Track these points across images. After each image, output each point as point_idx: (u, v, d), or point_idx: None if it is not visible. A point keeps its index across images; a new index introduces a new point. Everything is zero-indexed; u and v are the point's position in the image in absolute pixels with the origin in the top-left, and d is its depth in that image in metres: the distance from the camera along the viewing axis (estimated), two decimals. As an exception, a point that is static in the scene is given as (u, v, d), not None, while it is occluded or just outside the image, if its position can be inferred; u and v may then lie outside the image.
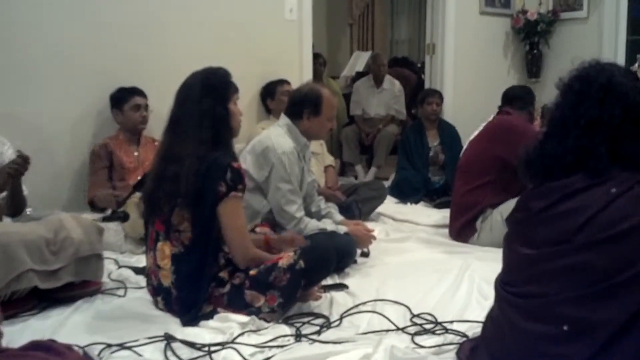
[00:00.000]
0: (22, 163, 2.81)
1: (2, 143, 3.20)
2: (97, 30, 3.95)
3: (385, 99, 6.31)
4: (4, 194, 2.98)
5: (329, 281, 2.73)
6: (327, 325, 2.39)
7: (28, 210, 3.12)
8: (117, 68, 3.99)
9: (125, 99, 3.85)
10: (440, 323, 2.38)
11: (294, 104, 3.19)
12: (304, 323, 2.40)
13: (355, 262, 3.18)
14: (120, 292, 2.74)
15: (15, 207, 3.00)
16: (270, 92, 4.62)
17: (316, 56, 5.69)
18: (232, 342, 2.15)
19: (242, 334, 2.21)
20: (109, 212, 3.37)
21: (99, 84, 3.93)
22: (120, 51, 4.03)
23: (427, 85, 5.97)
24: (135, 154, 3.88)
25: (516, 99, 3.82)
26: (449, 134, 5.18)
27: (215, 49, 4.35)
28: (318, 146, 4.53)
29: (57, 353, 1.60)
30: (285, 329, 2.30)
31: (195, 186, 2.31)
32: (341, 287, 2.80)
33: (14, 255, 2.40)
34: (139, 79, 3.97)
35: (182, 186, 2.31)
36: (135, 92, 3.87)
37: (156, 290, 2.49)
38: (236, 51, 4.42)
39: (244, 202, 2.48)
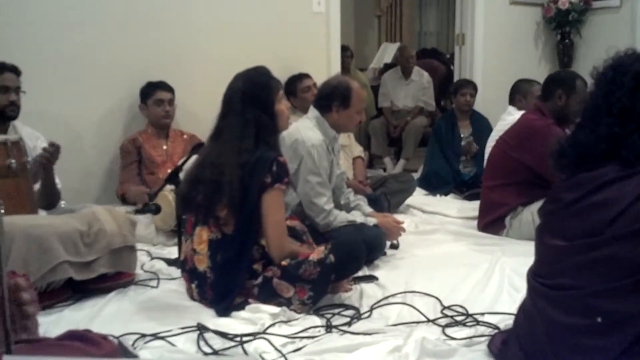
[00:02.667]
0: (53, 152, 2.85)
1: (37, 137, 3.26)
2: (126, 28, 4.00)
3: (413, 91, 6.27)
4: (38, 186, 3.04)
5: (358, 273, 2.73)
6: (358, 316, 2.40)
7: (62, 204, 3.17)
8: (146, 64, 4.04)
9: (149, 94, 3.90)
10: (471, 315, 2.37)
11: (323, 97, 3.19)
12: (334, 314, 2.41)
13: (384, 254, 3.18)
14: (153, 283, 2.78)
15: (49, 200, 3.05)
16: (291, 90, 4.56)
17: (344, 49, 5.68)
18: (264, 332, 2.17)
19: (273, 324, 2.23)
20: (140, 205, 3.41)
21: (128, 81, 3.98)
22: (149, 47, 4.08)
23: (456, 77, 5.92)
24: (164, 147, 3.92)
25: (541, 90, 3.71)
26: (481, 125, 5.11)
27: (242, 42, 4.37)
28: (346, 138, 4.53)
29: (93, 343, 1.63)
30: (315, 320, 2.31)
31: (240, 191, 2.36)
32: (371, 279, 2.81)
33: (49, 247, 2.45)
34: (169, 74, 4.00)
35: (227, 192, 2.35)
36: (159, 86, 3.91)
37: (191, 275, 2.53)
38: (263, 44, 4.44)
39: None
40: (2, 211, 2.45)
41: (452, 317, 2.38)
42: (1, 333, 1.12)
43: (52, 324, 2.29)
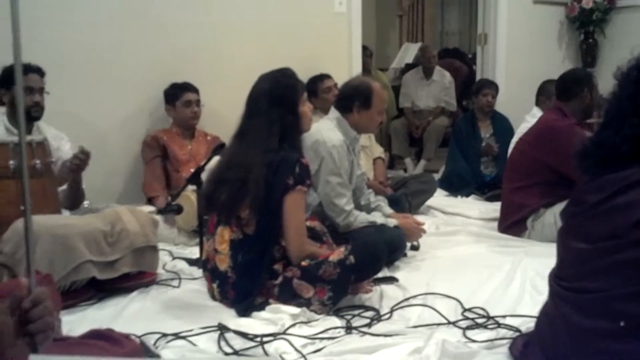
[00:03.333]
0: (84, 159, 2.89)
1: (61, 138, 3.30)
2: (150, 29, 4.04)
3: (434, 91, 6.24)
4: (64, 187, 3.08)
5: (379, 274, 2.73)
6: (378, 318, 2.40)
7: (85, 203, 3.21)
8: (170, 66, 4.07)
9: (177, 95, 3.93)
10: (492, 317, 2.35)
11: (344, 98, 3.19)
12: (354, 315, 2.41)
13: (405, 255, 3.17)
14: (175, 282, 2.80)
15: (74, 200, 3.10)
16: (312, 91, 4.56)
17: (363, 49, 5.67)
18: (284, 333, 2.18)
19: (293, 325, 2.24)
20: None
21: (151, 82, 4.02)
22: (173, 49, 4.11)
23: (478, 77, 5.89)
24: (189, 147, 3.95)
25: (562, 89, 3.66)
26: (502, 126, 5.08)
27: (264, 43, 4.39)
28: (367, 139, 4.52)
29: (115, 342, 1.65)
30: (335, 321, 2.31)
31: (264, 191, 2.38)
32: (391, 280, 2.80)
33: (73, 246, 2.48)
34: (192, 75, 4.03)
35: (252, 191, 2.37)
36: (186, 88, 3.94)
37: (212, 275, 2.55)
38: (284, 45, 4.45)
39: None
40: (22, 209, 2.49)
41: (473, 319, 2.36)
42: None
43: (76, 322, 2.32)
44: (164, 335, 2.20)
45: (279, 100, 2.48)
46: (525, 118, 4.43)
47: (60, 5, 3.73)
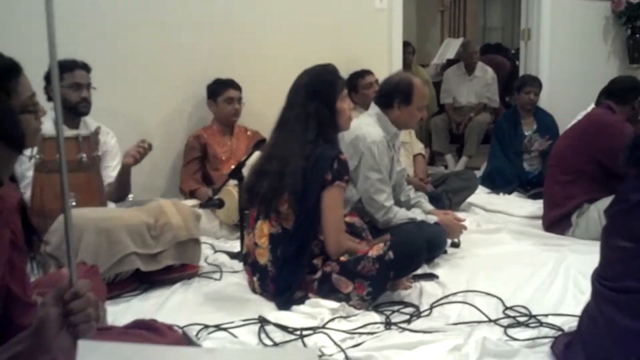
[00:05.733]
0: (148, 148, 3.00)
1: (107, 132, 3.37)
2: (193, 28, 4.08)
3: (476, 87, 6.18)
4: (112, 179, 3.14)
5: (418, 271, 2.72)
6: (417, 314, 2.39)
7: (130, 197, 3.28)
8: (212, 63, 4.11)
9: (219, 92, 3.97)
10: (534, 316, 2.33)
11: (385, 93, 3.18)
12: (393, 311, 2.41)
13: (445, 252, 3.15)
14: (216, 275, 2.84)
15: (121, 194, 3.16)
16: (353, 86, 4.55)
17: (405, 44, 5.63)
18: (323, 327, 2.19)
19: (332, 319, 2.25)
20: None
21: (194, 79, 4.07)
22: (215, 47, 4.15)
23: (521, 73, 5.79)
24: (229, 143, 3.99)
25: (618, 92, 3.60)
26: (545, 122, 4.99)
27: (305, 39, 4.40)
28: (407, 135, 4.50)
29: (158, 332, 1.68)
30: (375, 317, 2.32)
31: (303, 184, 2.40)
32: (431, 277, 2.79)
33: (118, 239, 2.54)
34: (233, 72, 4.07)
35: (289, 183, 2.40)
36: (229, 85, 3.98)
37: (253, 269, 2.58)
38: (325, 41, 4.45)
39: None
40: (74, 204, 2.55)
41: (514, 317, 2.34)
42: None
43: (120, 313, 2.37)
44: (206, 326, 2.24)
45: (315, 94, 2.50)
46: (579, 115, 4.35)
47: (106, 4, 3.81)
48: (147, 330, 1.67)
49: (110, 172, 3.22)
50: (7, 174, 1.19)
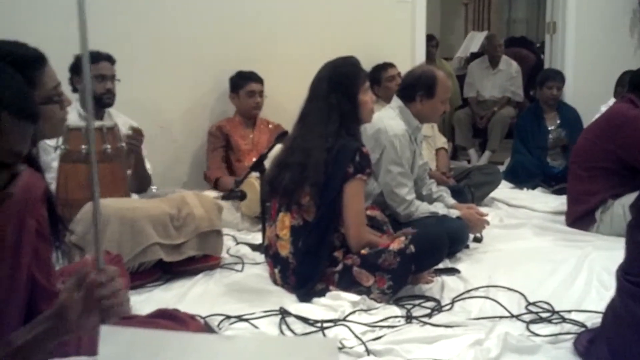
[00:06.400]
0: (135, 136, 2.94)
1: (130, 124, 3.39)
2: (215, 20, 4.10)
3: (500, 81, 6.13)
4: (129, 171, 3.17)
5: (440, 265, 2.71)
6: (439, 308, 2.39)
7: (153, 188, 3.30)
8: (233, 55, 4.13)
9: (241, 85, 3.98)
10: (557, 312, 2.31)
11: (407, 86, 3.17)
12: (414, 305, 2.40)
13: (467, 247, 3.14)
14: (238, 267, 2.86)
15: (141, 184, 3.17)
16: (375, 79, 4.55)
17: (429, 38, 5.60)
18: (344, 319, 2.20)
19: (353, 312, 2.25)
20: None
21: (216, 71, 4.09)
22: (236, 39, 4.17)
23: (546, 66, 5.73)
24: (251, 136, 4.01)
25: (638, 86, 3.54)
26: (569, 117, 4.93)
27: (327, 32, 4.40)
28: (429, 129, 4.47)
29: (181, 322, 1.70)
30: (395, 310, 2.32)
31: (324, 176, 2.42)
32: (453, 271, 2.78)
33: (141, 229, 2.56)
34: (255, 65, 4.08)
35: (311, 175, 2.41)
36: (251, 78, 3.99)
37: (274, 260, 2.59)
38: (348, 34, 4.45)
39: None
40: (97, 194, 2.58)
41: (537, 313, 2.32)
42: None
43: (143, 302, 2.40)
44: (227, 317, 2.25)
45: (337, 86, 2.51)
46: (600, 109, 4.29)
47: (130, 5, 3.83)
48: (169, 320, 1.68)
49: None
50: (25, 147, 1.20)
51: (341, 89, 2.50)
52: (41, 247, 1.38)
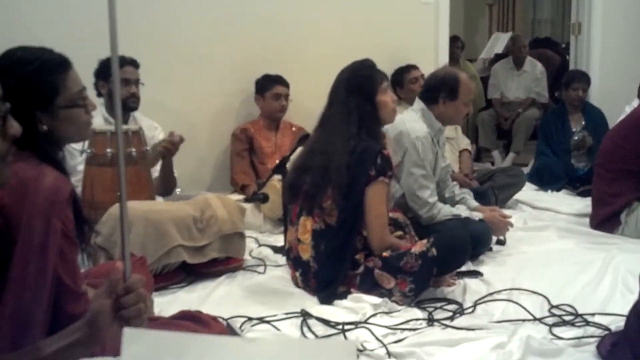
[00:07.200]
0: (174, 141, 2.99)
1: (155, 127, 3.45)
2: (240, 24, 4.14)
3: (525, 82, 6.07)
4: (157, 173, 3.21)
5: (462, 268, 2.70)
6: (461, 311, 2.38)
7: (177, 191, 3.34)
8: (258, 59, 4.16)
9: (267, 87, 4.01)
10: (580, 315, 2.29)
11: (430, 88, 3.16)
12: (436, 308, 2.40)
13: (490, 249, 3.12)
14: (260, 269, 2.88)
15: (166, 187, 3.22)
16: (398, 81, 4.56)
17: (454, 39, 5.58)
18: (365, 322, 2.20)
19: (374, 315, 2.26)
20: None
21: (241, 75, 4.14)
22: (261, 43, 4.20)
23: (571, 67, 5.67)
24: (274, 139, 4.03)
25: None
26: (594, 118, 4.88)
27: (351, 34, 4.41)
28: (452, 131, 4.46)
29: (203, 323, 1.72)
30: (417, 313, 2.31)
31: (347, 178, 2.42)
32: (475, 274, 2.77)
33: (165, 232, 2.59)
34: (279, 68, 4.10)
35: (334, 178, 2.42)
36: (277, 81, 4.01)
37: (295, 263, 2.60)
38: (371, 36, 4.46)
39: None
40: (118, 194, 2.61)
41: (560, 316, 2.30)
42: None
43: (167, 304, 2.43)
44: (249, 319, 2.27)
45: (355, 89, 2.53)
46: (625, 109, 4.24)
47: (155, 1, 3.88)
48: (192, 321, 1.71)
49: (158, 166, 3.28)
50: None
51: (359, 91, 2.52)
52: (67, 249, 1.40)
